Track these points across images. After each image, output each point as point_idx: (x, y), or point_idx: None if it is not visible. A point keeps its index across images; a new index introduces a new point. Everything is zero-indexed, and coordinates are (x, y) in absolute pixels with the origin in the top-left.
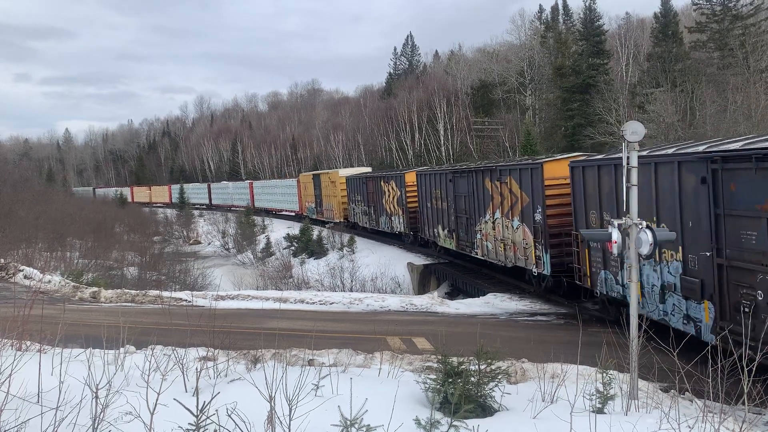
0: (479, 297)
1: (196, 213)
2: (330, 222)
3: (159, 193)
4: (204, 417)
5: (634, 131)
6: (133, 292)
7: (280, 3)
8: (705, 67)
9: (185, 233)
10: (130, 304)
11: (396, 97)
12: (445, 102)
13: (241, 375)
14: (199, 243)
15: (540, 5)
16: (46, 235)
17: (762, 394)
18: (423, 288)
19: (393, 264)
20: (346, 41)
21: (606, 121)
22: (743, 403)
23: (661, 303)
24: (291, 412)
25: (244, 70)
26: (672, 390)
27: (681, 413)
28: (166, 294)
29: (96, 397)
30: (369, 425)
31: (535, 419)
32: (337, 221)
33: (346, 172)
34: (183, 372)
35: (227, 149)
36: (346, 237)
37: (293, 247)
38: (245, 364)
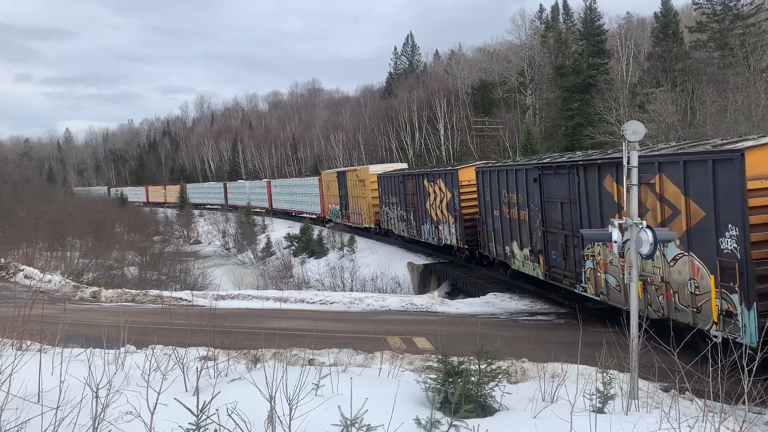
0: (479, 296)
1: (196, 213)
2: (358, 227)
3: (174, 193)
4: (204, 417)
5: (634, 131)
6: (134, 291)
7: (280, 3)
8: (705, 67)
9: (185, 233)
10: (130, 303)
11: (396, 97)
12: (446, 102)
13: (242, 375)
14: (200, 243)
15: (540, 5)
16: (46, 235)
17: (762, 393)
18: (423, 287)
19: (393, 263)
20: (346, 41)
21: (606, 121)
22: (743, 403)
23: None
24: (291, 411)
25: (244, 70)
26: (672, 390)
27: (681, 413)
28: (166, 294)
29: (96, 397)
30: (369, 425)
31: (536, 419)
32: (367, 227)
33: (377, 168)
34: (183, 372)
35: (227, 149)
36: (346, 237)
37: (293, 247)
38: (245, 363)
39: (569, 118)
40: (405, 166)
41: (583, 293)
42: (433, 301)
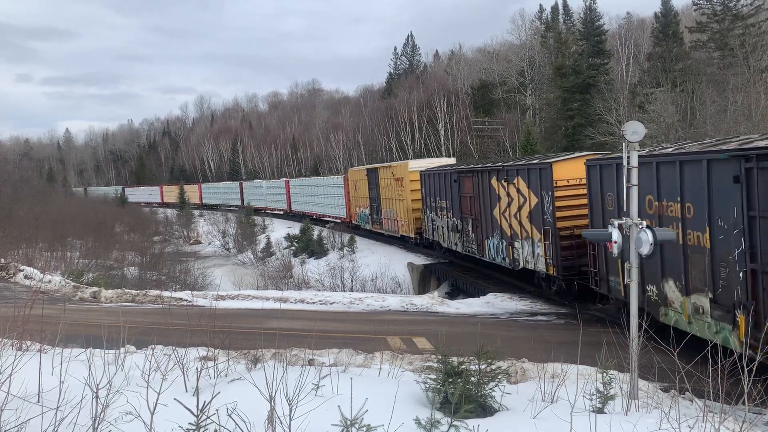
0: (479, 297)
1: (196, 213)
2: (392, 237)
3: (188, 194)
4: (204, 417)
5: (634, 131)
6: (134, 292)
7: (280, 3)
8: (705, 67)
9: (185, 233)
10: (130, 304)
11: (396, 97)
12: (446, 102)
13: (242, 375)
14: (200, 243)
15: (540, 5)
16: (46, 235)
17: (762, 394)
18: (423, 288)
19: (393, 264)
20: (346, 42)
21: (606, 121)
22: (743, 403)
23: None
24: (291, 411)
25: (244, 70)
26: (672, 390)
27: (681, 413)
28: (166, 294)
29: (96, 397)
30: (369, 425)
31: (536, 419)
32: (404, 236)
33: (419, 164)
34: (183, 372)
35: (227, 149)
36: (346, 237)
37: (293, 247)
38: (245, 363)
39: (569, 118)
40: (452, 160)
41: None
42: (433, 302)
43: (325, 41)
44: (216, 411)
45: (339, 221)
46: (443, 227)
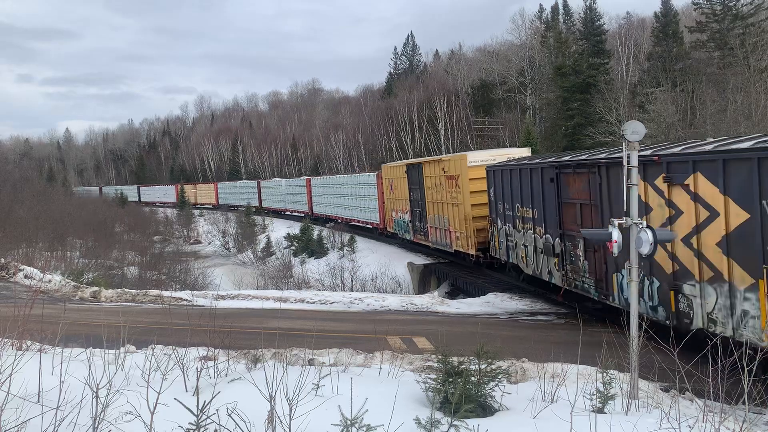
0: (479, 297)
1: (196, 213)
2: (443, 251)
3: (204, 193)
4: (204, 416)
5: (634, 131)
6: (134, 291)
7: (281, 4)
8: (705, 67)
9: (185, 233)
10: (130, 303)
11: (396, 97)
12: (446, 101)
13: (242, 375)
14: (200, 242)
15: (540, 5)
16: (46, 235)
17: (762, 393)
18: (423, 287)
19: (393, 263)
20: (346, 42)
21: (606, 121)
22: (743, 403)
23: None
24: (291, 411)
25: (244, 70)
26: (672, 390)
27: (681, 413)
28: (166, 293)
29: (96, 397)
30: (369, 425)
31: (536, 419)
32: (461, 252)
33: (479, 156)
34: (183, 371)
35: (227, 149)
36: (346, 237)
37: (293, 247)
38: (245, 363)
39: (569, 118)
40: (526, 151)
41: None
42: (433, 301)
43: (326, 42)
44: (216, 411)
45: (370, 227)
46: (526, 246)
